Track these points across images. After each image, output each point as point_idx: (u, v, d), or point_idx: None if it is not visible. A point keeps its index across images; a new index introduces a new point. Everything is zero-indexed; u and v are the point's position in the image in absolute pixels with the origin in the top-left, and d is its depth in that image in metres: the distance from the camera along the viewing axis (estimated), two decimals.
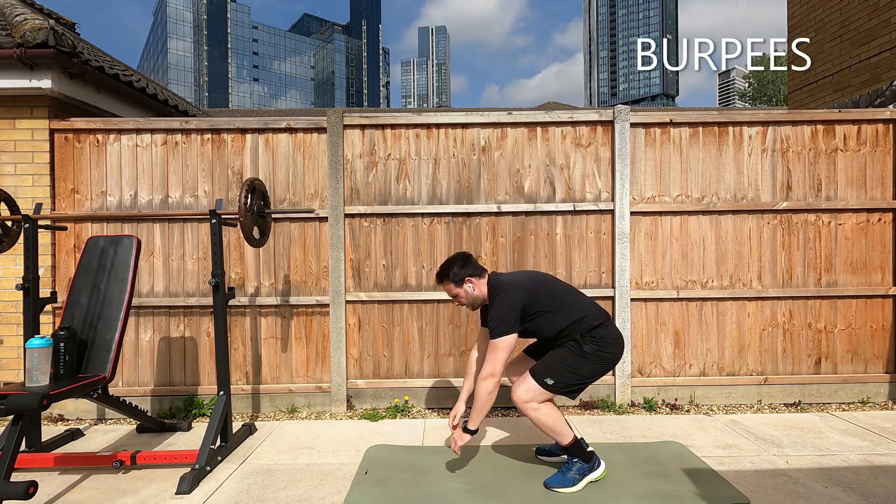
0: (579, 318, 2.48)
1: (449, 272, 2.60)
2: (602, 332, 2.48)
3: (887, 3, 5.55)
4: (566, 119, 3.82)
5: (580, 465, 2.49)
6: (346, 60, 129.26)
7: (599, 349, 2.46)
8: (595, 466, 2.53)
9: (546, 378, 2.43)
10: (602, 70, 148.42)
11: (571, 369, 2.44)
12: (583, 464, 2.50)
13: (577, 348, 2.46)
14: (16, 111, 3.70)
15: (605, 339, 2.48)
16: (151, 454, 2.79)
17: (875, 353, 3.85)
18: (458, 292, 2.62)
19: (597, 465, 2.54)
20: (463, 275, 2.58)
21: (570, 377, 2.44)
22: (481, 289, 2.59)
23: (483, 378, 2.41)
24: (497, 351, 2.41)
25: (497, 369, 2.40)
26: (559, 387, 2.44)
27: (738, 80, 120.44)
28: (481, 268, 2.65)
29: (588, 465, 2.51)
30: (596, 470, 2.53)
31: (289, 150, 3.81)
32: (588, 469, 2.50)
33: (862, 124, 3.82)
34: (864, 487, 2.49)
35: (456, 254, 2.68)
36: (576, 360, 2.45)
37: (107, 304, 2.91)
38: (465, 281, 2.59)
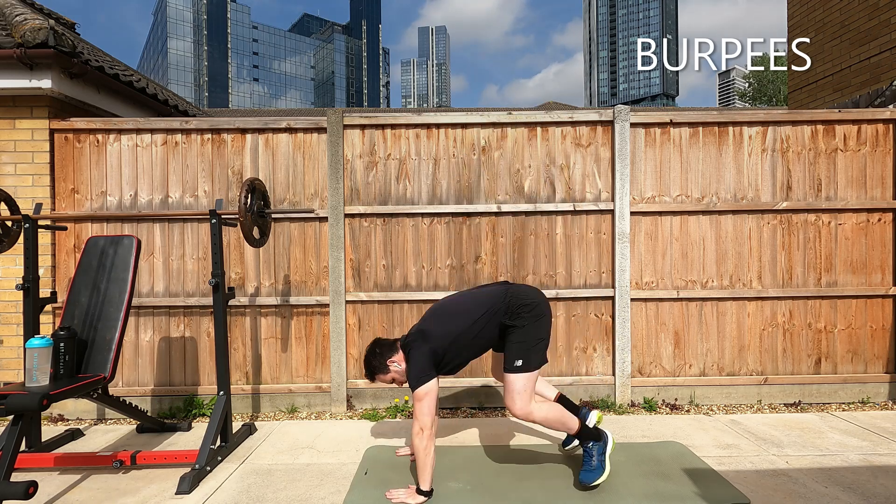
0: (490, 311, 2.50)
1: (372, 368, 2.63)
2: (512, 302, 2.51)
3: (887, 3, 5.55)
4: (566, 119, 3.82)
5: (597, 446, 2.53)
6: (346, 60, 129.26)
7: (524, 312, 2.48)
8: (606, 439, 2.58)
9: (515, 361, 2.45)
10: (602, 70, 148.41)
11: (525, 343, 2.46)
12: (597, 443, 2.54)
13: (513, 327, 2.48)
14: (16, 111, 3.70)
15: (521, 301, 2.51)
16: (151, 454, 2.79)
17: (875, 353, 3.85)
18: (391, 377, 2.63)
19: (606, 437, 2.59)
20: (384, 361, 2.60)
21: (530, 349, 2.46)
22: (404, 361, 2.58)
23: (414, 435, 2.35)
24: (420, 401, 2.35)
25: (425, 421, 2.33)
26: (529, 362, 2.45)
27: (738, 80, 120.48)
28: (393, 343, 2.65)
29: (601, 442, 2.55)
30: (609, 442, 2.58)
31: (289, 150, 3.81)
32: (603, 445, 2.55)
33: (862, 124, 3.82)
34: (864, 487, 2.49)
35: (367, 348, 2.69)
36: (521, 334, 2.47)
37: (107, 304, 2.91)
38: (389, 365, 2.60)
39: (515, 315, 2.49)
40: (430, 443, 2.35)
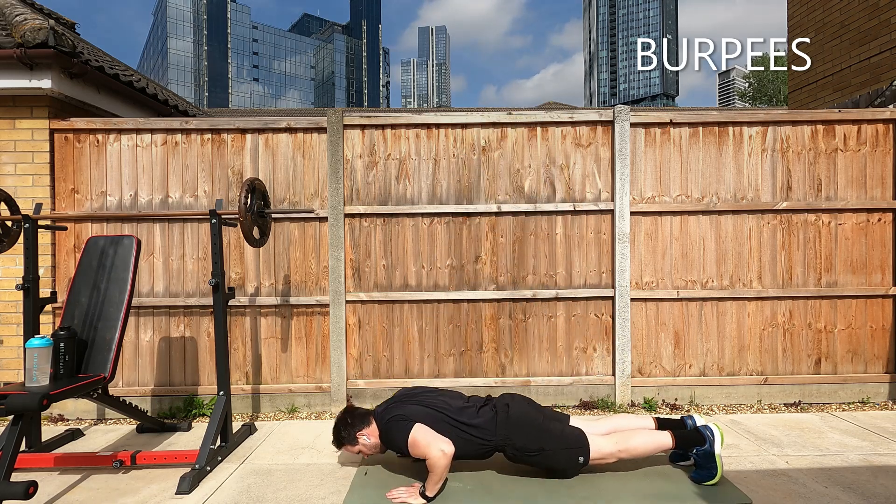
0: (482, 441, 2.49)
1: (341, 438, 2.62)
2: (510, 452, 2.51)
3: (887, 3, 5.55)
4: (566, 119, 3.82)
5: (703, 451, 2.47)
6: (346, 60, 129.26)
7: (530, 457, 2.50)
8: (711, 438, 2.49)
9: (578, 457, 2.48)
10: (602, 70, 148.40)
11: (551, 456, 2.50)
12: (701, 447, 2.48)
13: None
14: (16, 111, 3.70)
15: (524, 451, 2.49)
16: (151, 454, 2.79)
17: (875, 353, 3.85)
18: (360, 450, 2.63)
19: (712, 436, 2.50)
20: (353, 433, 2.60)
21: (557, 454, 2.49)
22: (374, 435, 2.59)
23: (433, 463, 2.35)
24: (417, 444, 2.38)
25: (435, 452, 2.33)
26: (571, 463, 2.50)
27: (738, 80, 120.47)
28: (364, 415, 2.65)
29: (705, 446, 2.48)
30: (715, 441, 2.49)
31: (289, 150, 3.81)
32: (709, 448, 2.47)
33: (862, 124, 3.82)
34: (864, 487, 2.49)
35: (336, 418, 2.68)
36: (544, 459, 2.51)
37: (107, 304, 2.91)
38: (358, 438, 2.60)
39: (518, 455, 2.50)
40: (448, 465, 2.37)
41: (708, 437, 2.51)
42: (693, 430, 2.57)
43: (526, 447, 2.47)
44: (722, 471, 2.46)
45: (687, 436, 2.55)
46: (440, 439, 2.38)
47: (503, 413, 2.53)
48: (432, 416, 2.49)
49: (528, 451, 2.47)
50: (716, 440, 2.49)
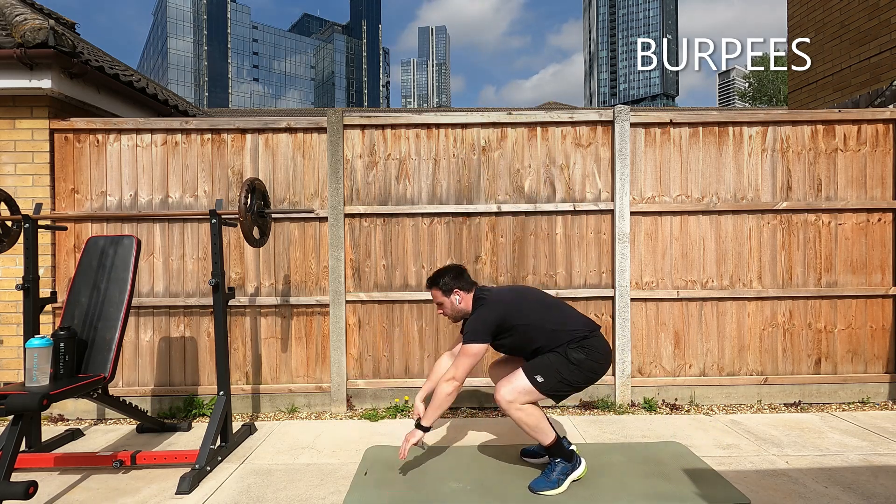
0: (567, 329, 2.49)
1: (440, 280, 2.62)
2: (592, 342, 2.50)
3: (887, 3, 5.55)
4: (566, 119, 3.82)
5: (563, 466, 2.49)
6: (346, 60, 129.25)
7: (589, 358, 2.46)
8: (577, 465, 2.53)
9: (536, 375, 2.42)
10: (602, 70, 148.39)
11: (560, 374, 2.43)
12: (565, 463, 2.49)
13: (565, 355, 2.45)
14: (16, 111, 3.70)
15: (596, 349, 2.49)
16: (151, 454, 2.79)
17: (875, 353, 3.85)
18: (443, 301, 2.63)
19: (578, 464, 2.54)
20: (453, 286, 2.60)
21: (557, 381, 2.44)
22: (467, 303, 2.61)
23: (445, 380, 2.44)
24: (465, 356, 2.43)
25: (460, 374, 2.42)
26: (547, 387, 2.43)
27: (738, 80, 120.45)
28: (472, 282, 2.66)
29: (570, 464, 2.50)
30: (578, 468, 2.53)
31: (289, 150, 3.81)
32: (570, 468, 2.50)
33: (862, 124, 3.82)
34: (864, 487, 2.49)
35: (451, 265, 2.71)
36: (565, 367, 2.44)
37: (107, 304, 2.91)
38: (454, 292, 2.60)
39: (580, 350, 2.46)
40: (454, 393, 2.45)
41: (577, 460, 2.54)
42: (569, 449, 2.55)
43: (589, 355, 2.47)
44: (561, 492, 2.43)
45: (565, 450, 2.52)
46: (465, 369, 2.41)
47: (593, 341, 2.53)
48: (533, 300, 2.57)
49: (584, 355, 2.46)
50: (579, 469, 2.52)
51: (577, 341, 2.47)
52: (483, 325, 2.46)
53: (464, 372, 2.43)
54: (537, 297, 2.64)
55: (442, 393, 2.43)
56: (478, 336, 2.44)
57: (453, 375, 2.43)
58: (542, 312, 2.53)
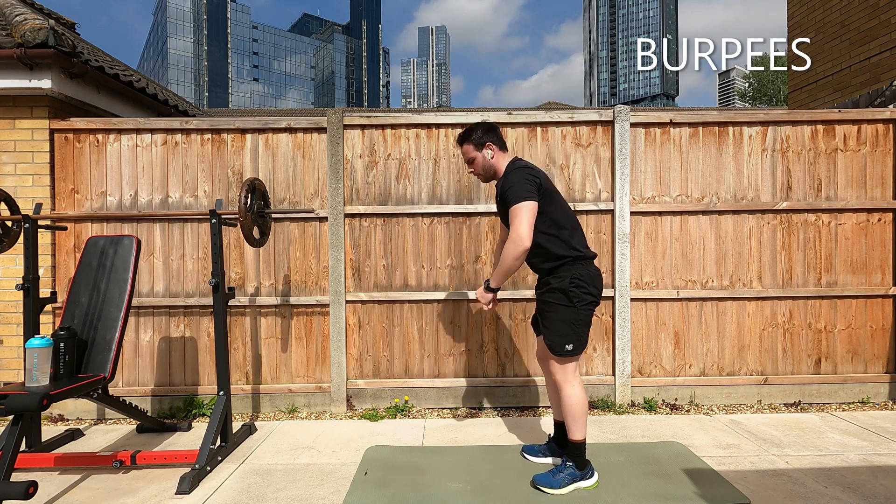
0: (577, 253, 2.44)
1: (472, 134, 2.55)
2: (591, 271, 2.46)
3: (887, 3, 5.55)
4: (566, 119, 3.82)
5: (572, 471, 2.45)
6: (346, 60, 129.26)
7: (586, 293, 2.42)
8: (588, 476, 2.47)
9: (566, 345, 2.39)
10: (602, 70, 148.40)
11: (574, 325, 2.41)
12: (575, 470, 2.45)
13: (566, 300, 2.41)
14: (16, 111, 3.70)
15: (593, 279, 2.45)
16: (151, 454, 2.79)
17: (875, 353, 3.85)
18: (475, 156, 2.55)
19: (589, 475, 2.48)
20: (485, 140, 2.52)
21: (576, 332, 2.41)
22: (499, 160, 2.53)
23: (510, 241, 2.30)
24: (519, 213, 2.28)
25: (524, 232, 2.26)
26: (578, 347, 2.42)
27: (738, 80, 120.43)
28: (505, 143, 2.60)
29: (581, 472, 2.46)
30: (588, 479, 2.47)
31: (289, 150, 3.81)
32: (580, 476, 2.45)
33: (862, 124, 3.82)
34: (864, 487, 2.49)
35: (484, 121, 2.61)
36: (571, 314, 2.41)
37: (107, 304, 2.91)
38: (486, 146, 2.52)
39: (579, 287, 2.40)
40: (522, 256, 2.31)
41: (590, 471, 2.49)
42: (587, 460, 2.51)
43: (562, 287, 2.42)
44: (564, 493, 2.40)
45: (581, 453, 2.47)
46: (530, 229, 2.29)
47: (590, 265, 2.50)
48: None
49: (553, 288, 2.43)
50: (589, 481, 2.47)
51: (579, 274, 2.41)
52: (526, 184, 2.32)
53: (528, 228, 2.26)
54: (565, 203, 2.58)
55: (509, 257, 2.31)
56: (526, 193, 2.29)
57: (518, 235, 2.26)
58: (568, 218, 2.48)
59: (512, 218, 2.34)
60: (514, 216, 2.32)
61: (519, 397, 3.77)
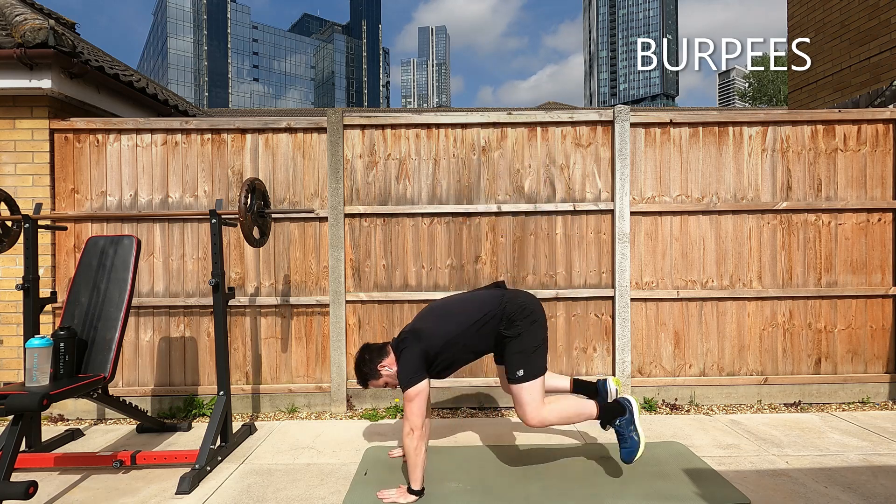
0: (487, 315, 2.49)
1: (366, 376, 2.59)
2: (508, 308, 2.50)
3: (887, 3, 5.55)
4: (566, 119, 3.82)
5: (623, 421, 2.48)
6: (346, 60, 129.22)
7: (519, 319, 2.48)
8: (630, 407, 2.51)
9: (518, 372, 2.45)
10: (602, 70, 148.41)
11: (524, 352, 2.46)
12: (622, 417, 2.49)
13: (509, 338, 2.48)
14: (16, 111, 3.70)
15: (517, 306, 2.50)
16: (151, 454, 2.79)
17: (875, 353, 3.85)
18: (384, 381, 2.59)
19: (630, 405, 2.52)
20: (374, 367, 2.57)
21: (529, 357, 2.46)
22: (394, 363, 2.56)
23: (405, 435, 2.35)
24: (409, 402, 2.36)
25: (416, 422, 2.33)
26: (534, 371, 2.46)
27: (738, 80, 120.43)
28: (382, 347, 2.62)
29: (627, 416, 2.49)
30: (634, 409, 2.51)
31: (289, 150, 3.81)
32: (630, 417, 2.49)
33: (862, 124, 3.82)
34: (864, 487, 2.49)
35: (356, 354, 2.64)
36: (518, 344, 2.47)
37: (107, 304, 2.91)
38: (380, 370, 2.57)
39: (511, 323, 2.48)
40: (421, 443, 2.34)
41: (627, 406, 2.53)
42: (615, 402, 2.56)
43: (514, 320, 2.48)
44: (644, 440, 2.46)
45: (611, 407, 2.54)
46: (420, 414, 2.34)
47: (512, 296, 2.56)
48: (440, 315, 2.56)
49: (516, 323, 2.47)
50: (634, 408, 2.52)
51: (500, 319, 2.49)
52: (410, 365, 2.42)
53: (418, 418, 2.34)
54: (444, 308, 2.64)
55: (409, 449, 2.35)
56: (411, 378, 2.38)
57: (411, 428, 2.33)
58: (458, 319, 2.52)
59: (405, 405, 2.39)
60: (406, 403, 2.38)
61: None
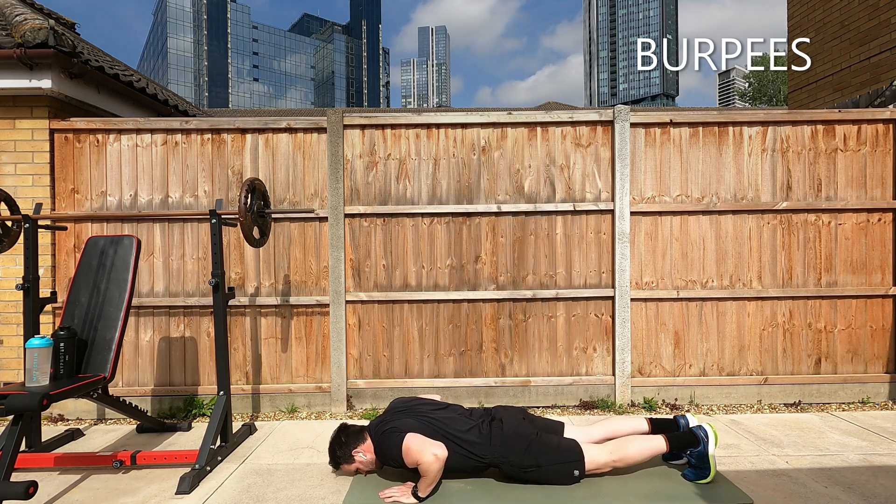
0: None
1: (337, 460, 2.59)
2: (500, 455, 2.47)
3: (887, 3, 5.55)
4: (566, 119, 3.82)
5: (697, 453, 2.47)
6: (346, 60, 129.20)
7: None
8: (705, 438, 2.48)
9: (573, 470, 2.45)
10: (602, 70, 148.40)
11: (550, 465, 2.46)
12: (694, 449, 2.48)
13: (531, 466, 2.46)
14: (16, 111, 3.70)
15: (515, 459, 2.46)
16: (151, 454, 2.79)
17: (875, 353, 3.85)
18: (358, 468, 2.60)
19: (704, 435, 2.49)
20: (349, 451, 2.57)
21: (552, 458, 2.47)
22: (370, 451, 2.56)
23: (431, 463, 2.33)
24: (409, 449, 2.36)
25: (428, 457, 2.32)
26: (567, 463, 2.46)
27: (738, 80, 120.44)
28: (358, 432, 2.62)
29: (699, 447, 2.47)
30: (709, 442, 2.48)
31: (289, 150, 3.81)
32: (703, 449, 2.46)
33: (862, 124, 3.82)
34: (864, 487, 2.49)
35: (331, 439, 2.64)
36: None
37: (107, 304, 2.91)
38: (354, 455, 2.57)
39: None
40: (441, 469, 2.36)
41: (701, 437, 2.50)
42: (687, 432, 2.56)
43: (521, 464, 2.44)
44: (715, 470, 2.45)
45: (681, 437, 2.54)
46: (433, 444, 2.37)
47: (497, 429, 2.50)
48: (427, 426, 2.48)
49: (524, 468, 2.45)
50: (710, 440, 2.49)
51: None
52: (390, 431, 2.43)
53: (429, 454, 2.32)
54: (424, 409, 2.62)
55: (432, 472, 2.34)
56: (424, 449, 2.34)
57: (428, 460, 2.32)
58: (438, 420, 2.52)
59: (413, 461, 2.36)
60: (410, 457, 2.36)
61: (518, 397, 3.76)
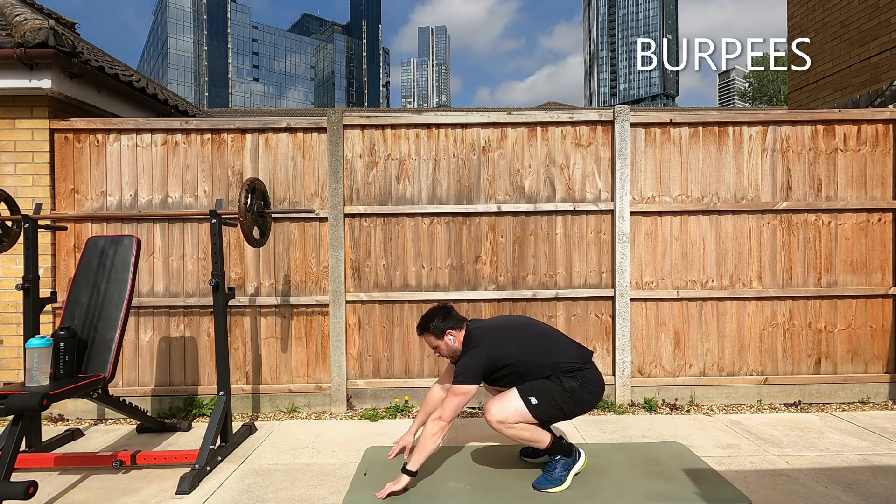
0: (559, 362, 2.49)
1: (430, 325, 2.59)
2: (586, 374, 2.51)
3: (887, 3, 5.55)
4: (566, 119, 3.82)
5: (563, 461, 2.52)
6: (346, 60, 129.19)
7: (582, 388, 2.47)
8: (577, 458, 2.56)
9: (531, 397, 2.43)
10: (602, 70, 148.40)
11: (554, 399, 2.44)
12: (565, 459, 2.52)
13: (559, 382, 2.46)
14: (16, 111, 3.70)
15: (589, 381, 2.51)
16: (151, 454, 2.79)
17: (875, 353, 3.85)
18: (438, 344, 2.60)
19: (578, 456, 2.57)
20: (444, 328, 2.57)
21: (551, 405, 2.45)
22: (459, 342, 2.57)
23: (433, 419, 2.39)
24: (455, 395, 2.39)
25: (448, 415, 2.37)
26: (539, 410, 2.43)
27: (738, 80, 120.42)
28: (461, 319, 2.63)
29: (570, 459, 2.54)
30: (578, 461, 2.56)
31: (289, 150, 3.81)
32: (571, 463, 2.53)
33: (862, 124, 3.82)
34: (864, 487, 2.49)
35: (437, 306, 2.65)
36: (560, 393, 2.45)
37: (107, 304, 2.91)
38: (447, 334, 2.57)
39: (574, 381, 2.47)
40: (441, 434, 2.38)
41: (576, 453, 2.57)
42: (567, 444, 2.58)
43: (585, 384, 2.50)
44: (564, 488, 2.46)
45: (561, 445, 2.55)
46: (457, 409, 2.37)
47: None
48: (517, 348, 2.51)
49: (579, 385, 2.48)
50: (580, 462, 2.57)
51: (570, 372, 2.48)
52: (475, 366, 2.43)
53: (452, 412, 2.37)
54: (528, 332, 2.62)
55: (428, 433, 2.37)
56: (468, 377, 2.40)
57: (440, 415, 2.37)
58: (534, 348, 2.52)
59: (448, 395, 2.43)
60: (450, 395, 2.41)
61: None
